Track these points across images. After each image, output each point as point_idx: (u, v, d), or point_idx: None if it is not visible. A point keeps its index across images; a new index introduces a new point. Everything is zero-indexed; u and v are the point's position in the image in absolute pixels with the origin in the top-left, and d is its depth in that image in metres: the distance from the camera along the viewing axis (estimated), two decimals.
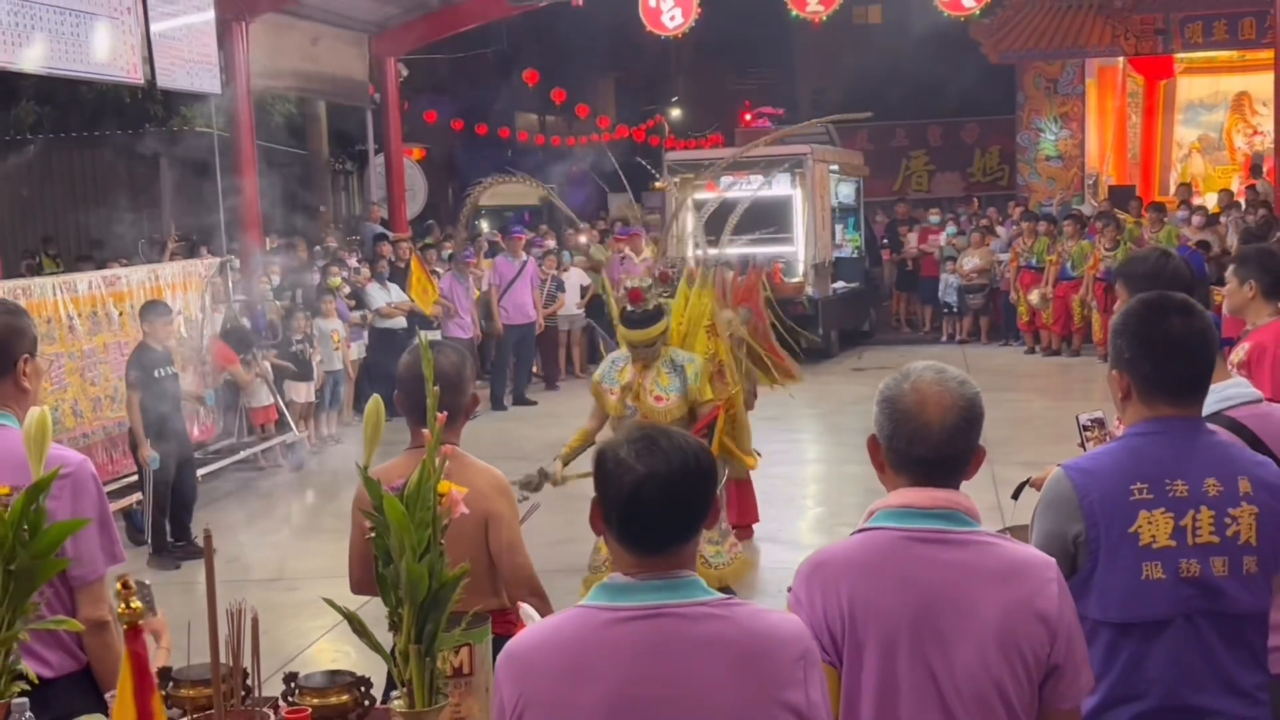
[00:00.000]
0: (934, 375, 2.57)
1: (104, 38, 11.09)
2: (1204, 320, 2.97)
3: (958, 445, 2.54)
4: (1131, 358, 2.97)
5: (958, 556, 2.50)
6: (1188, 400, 2.96)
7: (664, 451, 2.31)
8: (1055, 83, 23.80)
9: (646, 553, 2.32)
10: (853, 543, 2.58)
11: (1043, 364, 16.59)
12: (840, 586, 2.49)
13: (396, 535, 2.60)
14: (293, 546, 9.49)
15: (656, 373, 6.19)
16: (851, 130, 26.40)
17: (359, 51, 17.89)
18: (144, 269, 10.76)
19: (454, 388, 3.72)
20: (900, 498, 2.57)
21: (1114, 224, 16.40)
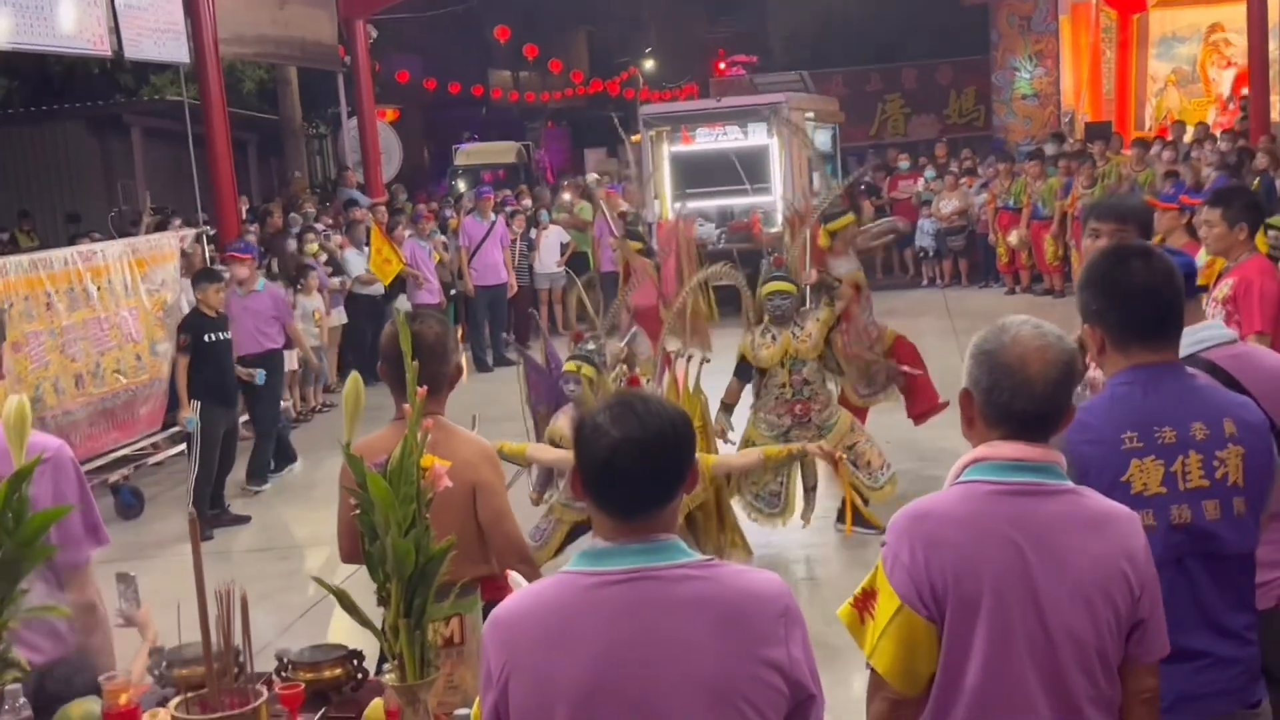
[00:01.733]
0: (1033, 330, 2.54)
1: (69, 9, 10.94)
2: (1165, 262, 2.98)
3: (1059, 400, 2.54)
4: (1099, 309, 2.98)
5: (1055, 509, 2.50)
6: (1161, 344, 2.96)
7: (639, 416, 2.31)
8: (1029, 20, 23.69)
9: (624, 517, 2.33)
10: (953, 496, 2.56)
11: (1024, 304, 16.60)
12: (943, 543, 2.47)
13: (381, 512, 2.59)
14: (283, 515, 9.50)
15: None
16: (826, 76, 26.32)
17: (327, 14, 17.70)
18: (120, 243, 10.65)
19: (437, 358, 3.70)
20: (997, 450, 2.55)
21: (1090, 161, 16.37)
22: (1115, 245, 3.11)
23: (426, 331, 3.71)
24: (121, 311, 10.01)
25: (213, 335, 8.92)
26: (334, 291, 13.44)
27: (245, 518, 9.19)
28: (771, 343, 7.46)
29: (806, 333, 7.47)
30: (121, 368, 9.94)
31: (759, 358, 7.45)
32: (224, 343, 9.04)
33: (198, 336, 8.84)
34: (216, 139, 13.96)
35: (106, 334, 9.90)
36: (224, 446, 9.08)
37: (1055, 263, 16.63)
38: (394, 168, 20.93)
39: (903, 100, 27.27)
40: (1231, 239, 5.66)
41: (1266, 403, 3.28)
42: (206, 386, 8.83)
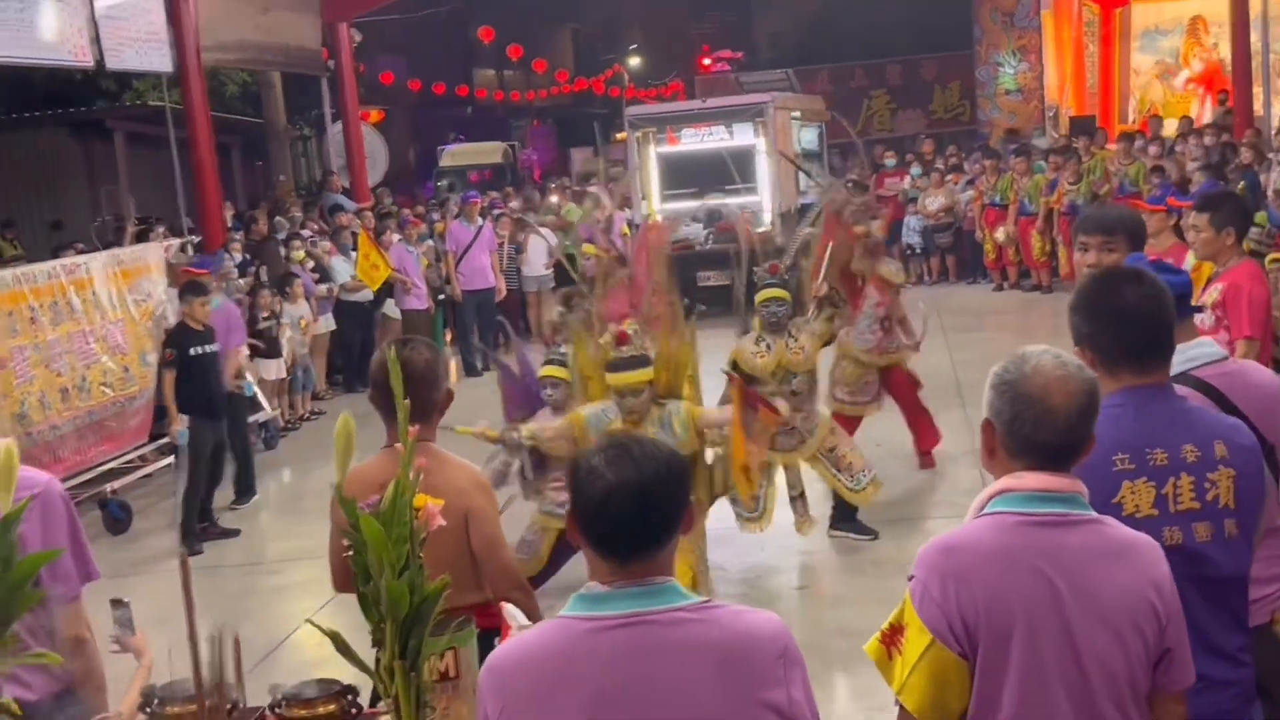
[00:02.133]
0: (1054, 360, 2.54)
1: (50, 20, 10.89)
2: (1157, 286, 2.99)
3: (1081, 430, 2.53)
4: (1090, 332, 2.99)
5: (1081, 539, 2.50)
6: (1152, 368, 2.97)
7: (634, 459, 2.30)
8: (1011, 16, 23.72)
9: (621, 561, 2.31)
10: (980, 528, 2.54)
11: (1012, 300, 16.64)
12: (973, 576, 2.45)
13: (375, 553, 2.57)
14: (272, 528, 9.47)
15: (644, 431, 5.87)
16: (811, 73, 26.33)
17: (311, 19, 17.63)
18: (104, 255, 10.61)
19: (427, 385, 3.69)
20: (1022, 481, 2.53)
21: (1074, 157, 16.39)
22: (1107, 268, 3.12)
23: (416, 359, 3.69)
24: (107, 323, 9.96)
25: (199, 349, 8.89)
26: (321, 299, 13.40)
27: (234, 531, 9.16)
28: (766, 352, 7.38)
29: (800, 345, 7.42)
30: (108, 380, 9.90)
31: (753, 366, 7.37)
32: (210, 356, 9.01)
33: (184, 350, 8.81)
34: (200, 145, 13.91)
35: (92, 346, 9.85)
36: (212, 460, 9.05)
37: (1042, 258, 16.67)
38: (379, 172, 20.88)
39: (888, 96, 27.30)
40: (1219, 244, 5.66)
41: (1258, 420, 3.28)
42: (194, 401, 8.80)
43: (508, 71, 34.27)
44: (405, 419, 2.71)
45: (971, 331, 14.08)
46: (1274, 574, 3.35)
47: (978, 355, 12.16)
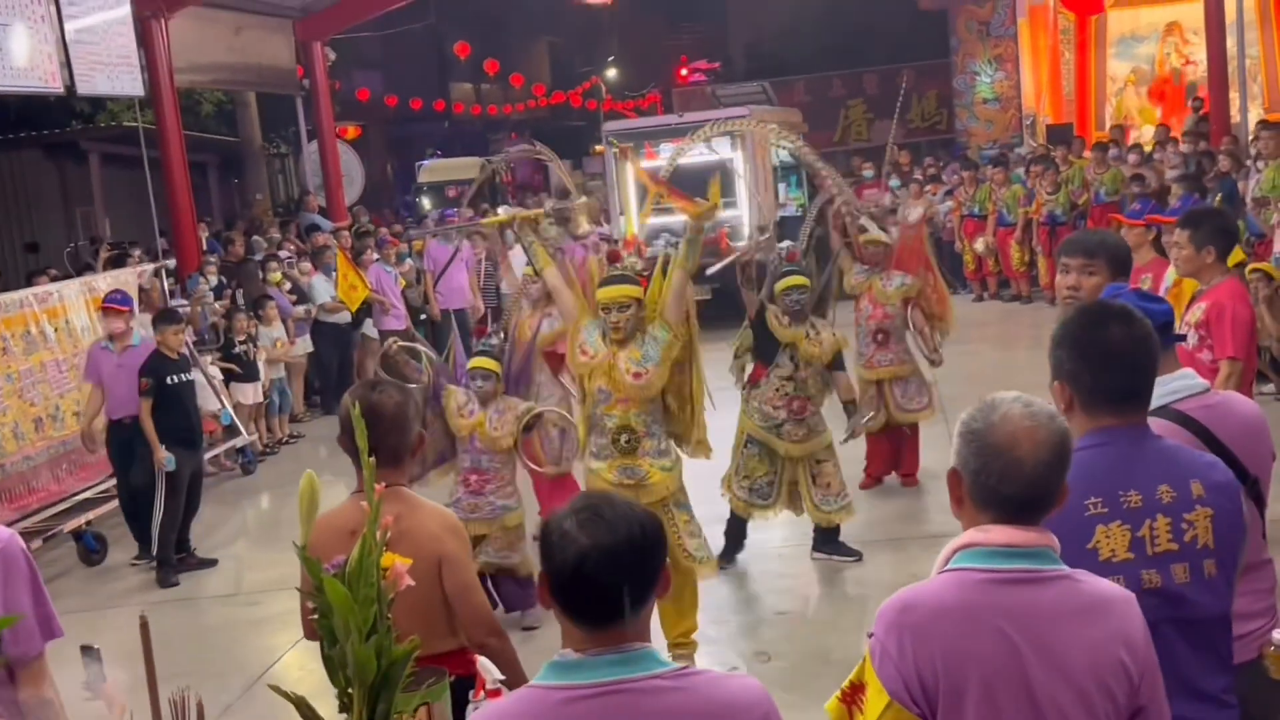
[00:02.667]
0: (1023, 408, 2.46)
1: (20, 45, 10.80)
2: (1144, 328, 2.93)
3: (1050, 483, 2.45)
4: (1073, 369, 2.93)
5: (1049, 596, 2.42)
6: (1131, 410, 2.92)
7: (608, 522, 2.24)
8: (987, 25, 23.79)
9: (595, 627, 2.25)
10: (940, 586, 2.46)
11: (992, 311, 16.64)
12: (933, 635, 2.39)
13: (341, 616, 2.51)
14: (250, 558, 9.37)
15: (629, 351, 5.87)
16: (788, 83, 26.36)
17: (284, 38, 17.59)
18: (77, 282, 10.52)
19: (397, 428, 3.62)
20: (988, 535, 2.46)
21: (1052, 167, 16.42)
22: (1095, 305, 3.06)
23: (386, 401, 3.62)
24: (80, 352, 9.86)
25: (175, 378, 8.82)
26: (299, 320, 13.31)
27: (211, 561, 9.06)
28: (789, 325, 7.47)
29: (820, 338, 7.48)
30: (80, 409, 9.80)
31: (780, 331, 7.45)
32: (187, 384, 8.95)
33: (160, 380, 8.73)
34: (174, 168, 13.83)
35: (65, 376, 9.77)
36: (189, 489, 8.96)
37: (1021, 268, 16.70)
38: (356, 190, 20.78)
39: (865, 105, 27.33)
40: (1199, 261, 5.63)
41: (1241, 452, 3.25)
42: (171, 430, 8.72)
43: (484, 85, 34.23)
44: (371, 476, 2.65)
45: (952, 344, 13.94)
46: (1259, 608, 3.32)
47: (959, 367, 12.10)
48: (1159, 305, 3.52)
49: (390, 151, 32.09)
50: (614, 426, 5.92)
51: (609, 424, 5.94)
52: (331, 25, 18.49)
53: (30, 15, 10.88)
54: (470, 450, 6.93)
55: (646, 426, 5.94)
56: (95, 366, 9.02)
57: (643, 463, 5.93)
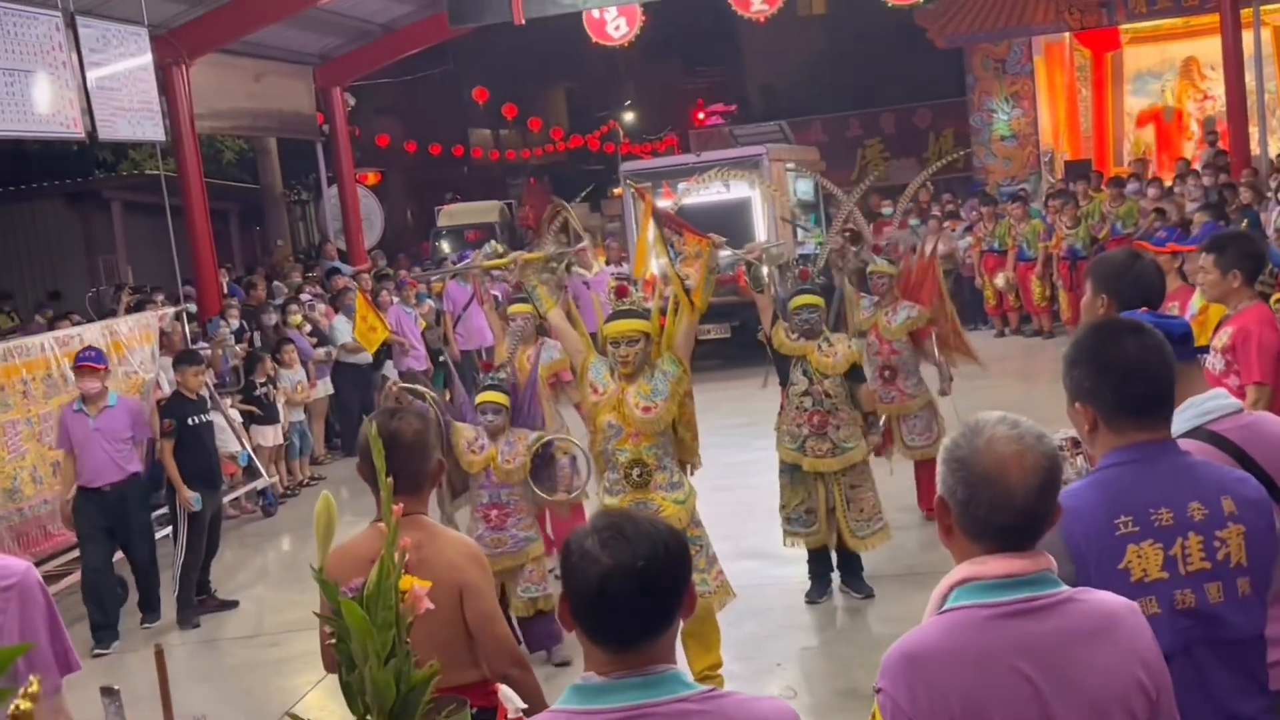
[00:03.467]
0: (1009, 431, 2.37)
1: (43, 93, 10.92)
2: (1158, 338, 2.89)
3: (1041, 510, 2.36)
4: (1092, 386, 2.87)
5: (1056, 623, 2.34)
6: (1155, 422, 2.86)
7: (630, 540, 2.18)
8: (1003, 63, 23.81)
9: (619, 649, 2.20)
10: (944, 628, 2.36)
11: (1014, 347, 16.57)
12: (944, 682, 2.29)
13: (358, 641, 2.47)
14: (271, 599, 9.33)
15: (639, 386, 5.90)
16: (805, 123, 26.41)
17: (304, 84, 17.75)
18: (98, 326, 10.55)
19: (417, 456, 3.59)
20: (984, 568, 2.37)
21: (1072, 201, 16.39)
22: (1106, 320, 3.02)
23: (405, 429, 3.60)
24: None
25: (195, 419, 8.86)
26: (319, 362, 13.34)
27: (233, 603, 9.04)
28: (799, 340, 7.46)
29: (833, 350, 7.42)
30: None
31: (785, 344, 7.45)
32: (206, 425, 8.99)
33: (181, 420, 8.75)
34: (195, 214, 13.93)
35: None
36: (210, 530, 8.96)
37: (1043, 303, 16.64)
38: (375, 234, 20.90)
39: (882, 144, 27.37)
40: (1225, 286, 5.57)
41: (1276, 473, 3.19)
42: (192, 470, 8.74)
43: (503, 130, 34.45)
44: (388, 498, 2.61)
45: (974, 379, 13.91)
46: None
47: (981, 403, 12.04)
48: (1175, 320, 3.48)
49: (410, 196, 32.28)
50: (626, 461, 5.95)
51: (621, 458, 5.96)
52: (351, 71, 18.67)
53: (52, 62, 11.00)
54: (487, 485, 6.93)
55: (658, 459, 5.97)
56: (66, 432, 8.40)
57: (655, 496, 5.94)
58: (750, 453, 10.32)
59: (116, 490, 8.34)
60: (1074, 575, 2.73)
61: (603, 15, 16.65)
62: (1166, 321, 3.27)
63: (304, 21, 16.11)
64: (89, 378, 8.37)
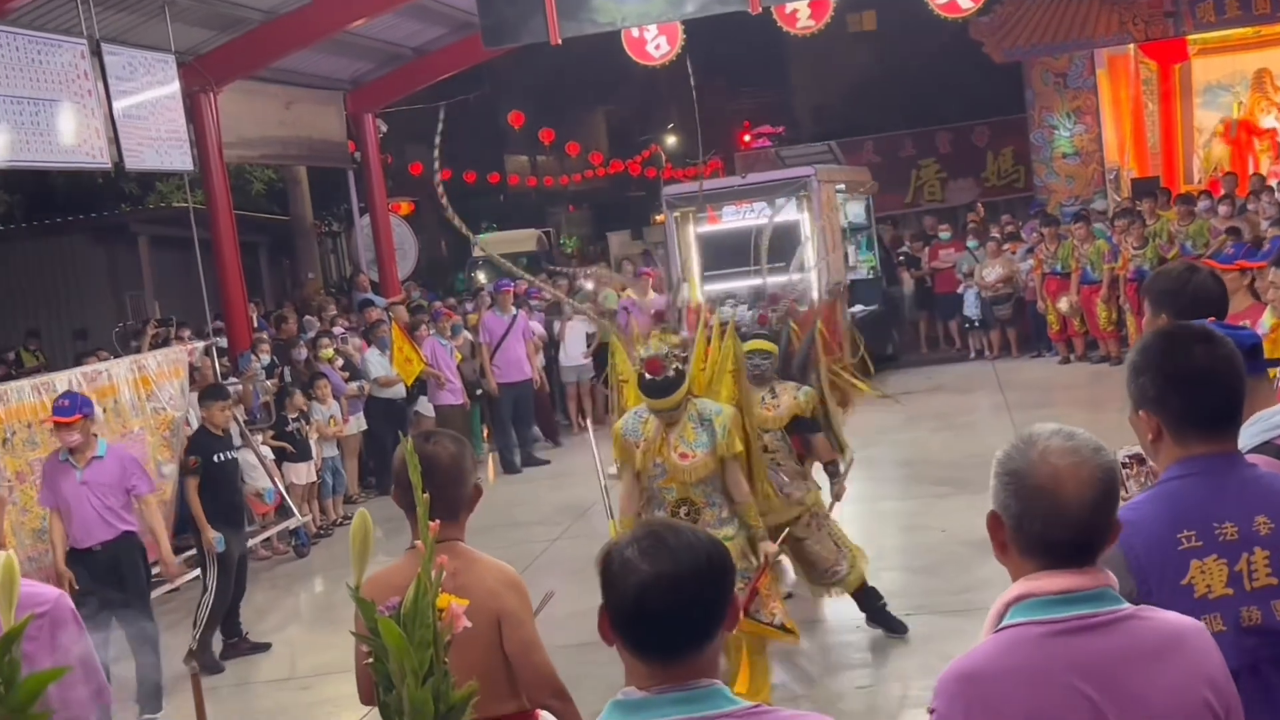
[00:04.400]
0: (1064, 443, 2.38)
1: (68, 122, 11.16)
2: (1228, 347, 2.89)
3: (1099, 523, 2.37)
4: (1158, 395, 2.87)
5: (1118, 641, 2.33)
6: (1222, 435, 2.87)
7: (671, 550, 2.22)
8: (1064, 77, 23.76)
9: (660, 662, 2.23)
10: (999, 646, 2.36)
11: (1080, 374, 16.49)
12: (1001, 702, 2.29)
13: (395, 659, 2.54)
14: (304, 641, 9.43)
15: (682, 428, 6.03)
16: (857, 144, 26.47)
17: (335, 110, 18.00)
18: (126, 361, 10.73)
19: (453, 480, 3.66)
20: (1041, 584, 2.37)
21: (1138, 220, 16.32)
22: (1174, 327, 3.02)
23: (440, 452, 3.66)
24: (128, 433, 10.04)
25: (222, 455, 8.97)
26: (352, 397, 13.47)
27: (265, 645, 9.13)
28: None
29: (776, 401, 7.37)
30: None
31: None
32: (232, 462, 9.11)
33: (207, 457, 8.88)
34: (224, 245, 14.15)
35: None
36: (237, 572, 9.04)
37: (1109, 328, 16.54)
38: (410, 264, 21.10)
39: (938, 165, 27.37)
40: None
41: None
42: (218, 508, 8.85)
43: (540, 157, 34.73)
44: (425, 513, 2.69)
45: (1038, 408, 13.94)
46: None
47: None
48: (1245, 331, 3.50)
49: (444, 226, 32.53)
50: (674, 500, 6.08)
51: (668, 497, 6.09)
52: (382, 97, 18.91)
53: (78, 92, 11.25)
54: None
55: (706, 497, 6.08)
56: (53, 485, 7.87)
57: None
58: None
59: (108, 550, 7.78)
60: (1135, 591, 2.75)
61: (642, 34, 16.79)
62: (1236, 332, 3.28)
63: (334, 46, 16.37)
64: (65, 432, 7.80)
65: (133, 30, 13.06)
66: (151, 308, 19.69)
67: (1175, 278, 4.27)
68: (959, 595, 7.98)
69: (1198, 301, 4.14)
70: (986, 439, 12.66)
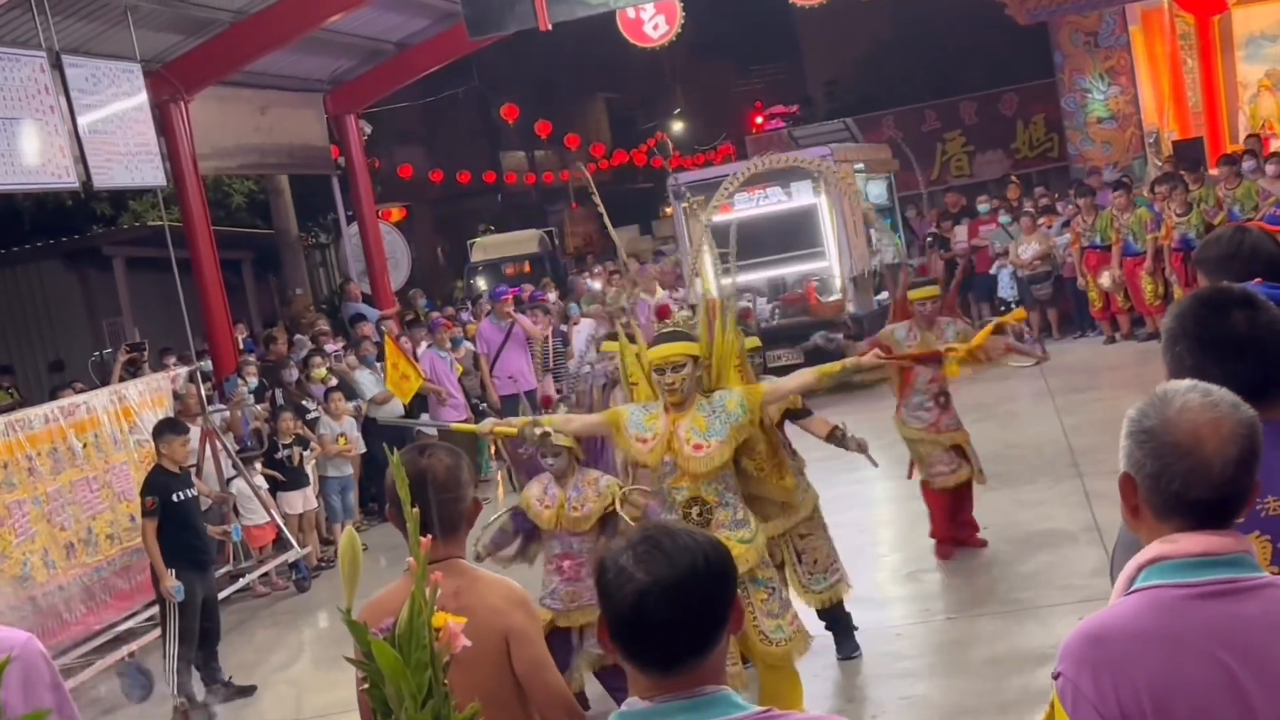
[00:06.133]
0: (1203, 398, 2.40)
1: (31, 142, 11.25)
2: (1270, 312, 2.91)
3: (1242, 482, 2.38)
4: (1195, 364, 2.87)
5: (1256, 608, 2.34)
6: (1265, 406, 2.88)
7: (667, 554, 2.25)
8: (1095, 36, 23.74)
9: (662, 671, 2.27)
10: (1133, 608, 2.39)
11: (1126, 353, 16.45)
12: (1132, 665, 2.31)
13: (392, 683, 2.57)
14: (309, 679, 9.48)
15: (693, 418, 6.07)
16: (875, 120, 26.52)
17: (315, 113, 18.08)
18: (105, 392, 10.81)
19: (450, 494, 3.68)
20: (1179, 545, 2.39)
21: (1181, 185, 16.29)
22: (1213, 290, 3.03)
23: (436, 465, 3.69)
24: (110, 467, 10.12)
25: (181, 494, 8.90)
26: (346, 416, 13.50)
27: (250, 688, 9.11)
28: None
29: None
30: (115, 531, 10.01)
31: None
32: (193, 501, 9.04)
33: (165, 497, 8.81)
34: (204, 264, 14.24)
35: (96, 495, 10.01)
36: (205, 614, 9.03)
37: (1156, 302, 16.48)
38: (403, 273, 21.18)
39: (964, 137, 27.38)
40: None
41: None
42: (180, 550, 8.76)
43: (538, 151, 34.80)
44: (415, 528, 2.73)
45: (1083, 392, 13.95)
46: None
47: (1093, 418, 12.04)
48: None
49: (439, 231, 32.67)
50: (684, 500, 6.13)
51: (678, 498, 6.15)
52: (365, 96, 18.99)
53: (39, 108, 11.34)
54: (558, 535, 6.89)
55: (719, 496, 6.15)
56: None
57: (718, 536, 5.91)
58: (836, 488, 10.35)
59: None
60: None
61: (639, 14, 16.84)
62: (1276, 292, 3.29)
63: (310, 45, 16.44)
64: None
65: (95, 40, 13.15)
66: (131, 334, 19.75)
67: (1226, 242, 4.27)
68: (1004, 595, 8.00)
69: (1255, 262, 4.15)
70: (1029, 428, 12.69)
